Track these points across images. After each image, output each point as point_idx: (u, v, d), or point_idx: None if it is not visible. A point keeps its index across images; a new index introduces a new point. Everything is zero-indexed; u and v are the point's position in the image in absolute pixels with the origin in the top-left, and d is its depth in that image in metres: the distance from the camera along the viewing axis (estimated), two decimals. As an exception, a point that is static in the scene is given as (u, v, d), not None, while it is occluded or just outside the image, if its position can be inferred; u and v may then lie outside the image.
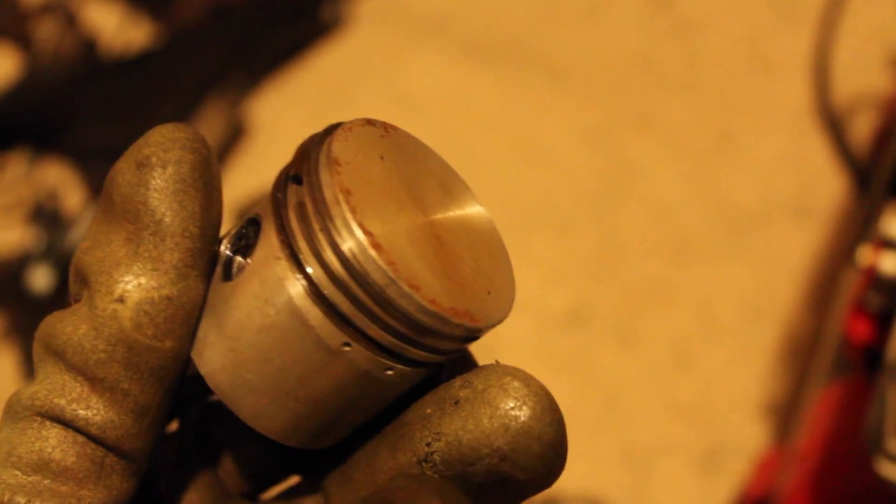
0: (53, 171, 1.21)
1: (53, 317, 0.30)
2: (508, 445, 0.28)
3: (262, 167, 1.30)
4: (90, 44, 1.28)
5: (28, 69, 1.26)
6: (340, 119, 0.32)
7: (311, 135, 0.31)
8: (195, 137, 0.30)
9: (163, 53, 1.29)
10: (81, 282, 0.30)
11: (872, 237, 0.77)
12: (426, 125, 1.32)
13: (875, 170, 0.89)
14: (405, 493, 0.28)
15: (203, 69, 1.30)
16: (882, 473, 0.65)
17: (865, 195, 1.04)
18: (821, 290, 1.13)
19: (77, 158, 1.21)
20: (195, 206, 0.30)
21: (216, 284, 0.31)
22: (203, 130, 1.13)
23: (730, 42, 1.38)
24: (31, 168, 1.22)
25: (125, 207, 0.30)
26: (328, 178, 0.29)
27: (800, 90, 1.32)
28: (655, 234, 1.21)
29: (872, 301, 0.76)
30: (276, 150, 1.30)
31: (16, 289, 1.13)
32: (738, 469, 1.03)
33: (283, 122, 1.35)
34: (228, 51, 1.33)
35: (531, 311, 1.14)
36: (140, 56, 1.29)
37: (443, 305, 0.29)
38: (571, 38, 1.39)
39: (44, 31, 1.28)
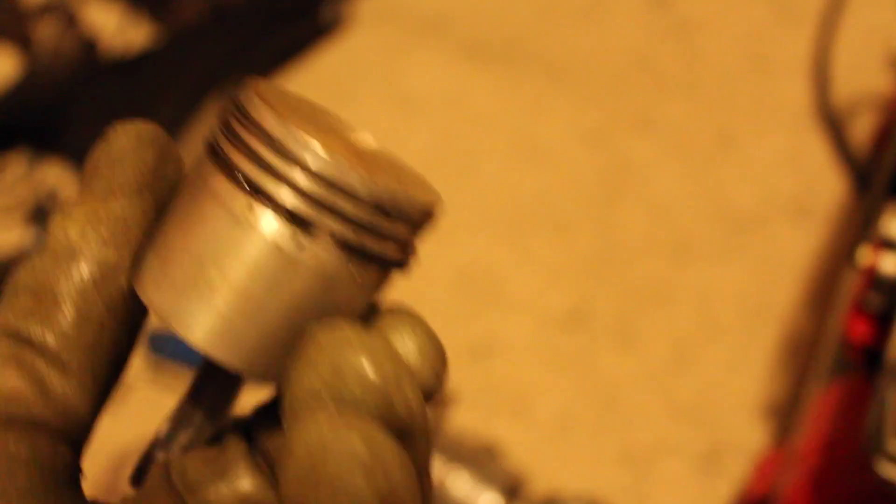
0: (53, 171, 1.21)
1: None
2: None
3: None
4: (90, 44, 1.28)
5: (28, 69, 1.26)
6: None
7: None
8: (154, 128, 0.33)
9: (163, 53, 1.29)
10: None
11: (872, 237, 0.77)
12: (426, 125, 1.32)
13: (875, 170, 0.89)
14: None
15: (203, 69, 1.30)
16: (882, 474, 0.65)
17: (865, 195, 1.04)
18: (821, 291, 1.13)
19: (77, 158, 1.20)
20: (150, 154, 0.32)
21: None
22: (203, 131, 1.13)
23: (730, 42, 1.38)
24: (31, 168, 1.21)
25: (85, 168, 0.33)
26: (265, 108, 0.30)
27: (800, 90, 1.32)
28: (655, 235, 1.21)
29: (872, 301, 0.76)
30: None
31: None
32: (738, 469, 1.03)
33: (283, 123, 1.35)
34: (228, 51, 1.33)
35: (530, 311, 1.14)
36: (140, 56, 1.28)
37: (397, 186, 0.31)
38: (571, 38, 1.39)
39: (44, 31, 1.28)
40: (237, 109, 0.31)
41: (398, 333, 0.31)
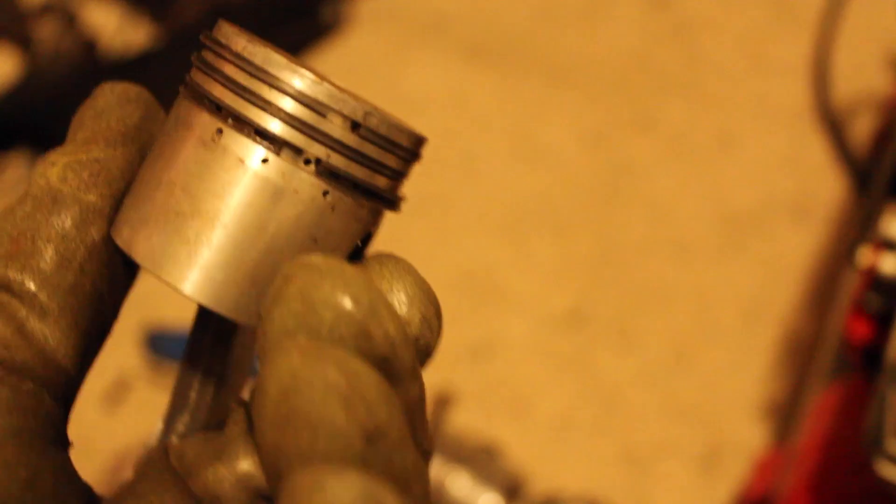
0: (53, 172, 1.21)
1: None
2: None
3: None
4: (90, 44, 1.28)
5: (28, 69, 1.26)
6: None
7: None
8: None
9: (163, 53, 1.29)
10: None
11: (872, 238, 0.77)
12: (426, 125, 1.31)
13: (875, 170, 0.89)
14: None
15: (203, 69, 1.30)
16: (882, 474, 0.65)
17: (865, 196, 1.04)
18: (820, 291, 1.13)
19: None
20: (134, 110, 0.32)
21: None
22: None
23: (730, 42, 1.38)
24: (31, 168, 1.21)
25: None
26: (236, 33, 0.29)
27: (800, 90, 1.32)
28: (655, 235, 1.21)
29: (872, 302, 0.76)
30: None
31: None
32: (738, 469, 1.03)
33: (283, 123, 1.35)
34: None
35: (530, 312, 1.14)
36: (140, 56, 1.29)
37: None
38: (571, 39, 1.39)
39: (44, 32, 1.28)
40: (209, 40, 0.30)
41: (385, 280, 0.29)
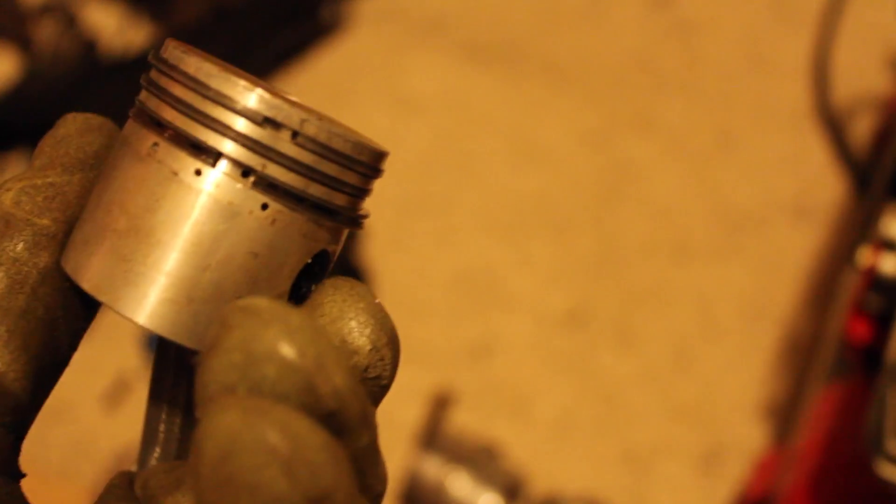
0: (53, 172, 1.21)
1: None
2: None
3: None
4: (90, 44, 1.28)
5: (28, 69, 1.26)
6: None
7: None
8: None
9: (163, 53, 1.29)
10: None
11: (872, 238, 0.77)
12: (426, 126, 1.32)
13: (875, 171, 0.89)
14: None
15: (203, 69, 1.30)
16: (882, 474, 0.65)
17: (865, 196, 1.04)
18: (820, 291, 1.13)
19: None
20: (94, 139, 0.31)
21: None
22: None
23: (730, 42, 1.38)
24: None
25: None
26: (183, 53, 0.28)
27: (799, 90, 1.31)
28: (655, 235, 1.21)
29: (872, 302, 0.76)
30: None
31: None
32: (738, 470, 1.03)
33: (283, 123, 1.35)
34: (228, 51, 1.33)
35: (530, 312, 1.14)
36: (140, 56, 1.28)
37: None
38: (571, 39, 1.39)
39: (44, 32, 1.28)
40: (156, 59, 0.29)
41: (337, 306, 0.27)
